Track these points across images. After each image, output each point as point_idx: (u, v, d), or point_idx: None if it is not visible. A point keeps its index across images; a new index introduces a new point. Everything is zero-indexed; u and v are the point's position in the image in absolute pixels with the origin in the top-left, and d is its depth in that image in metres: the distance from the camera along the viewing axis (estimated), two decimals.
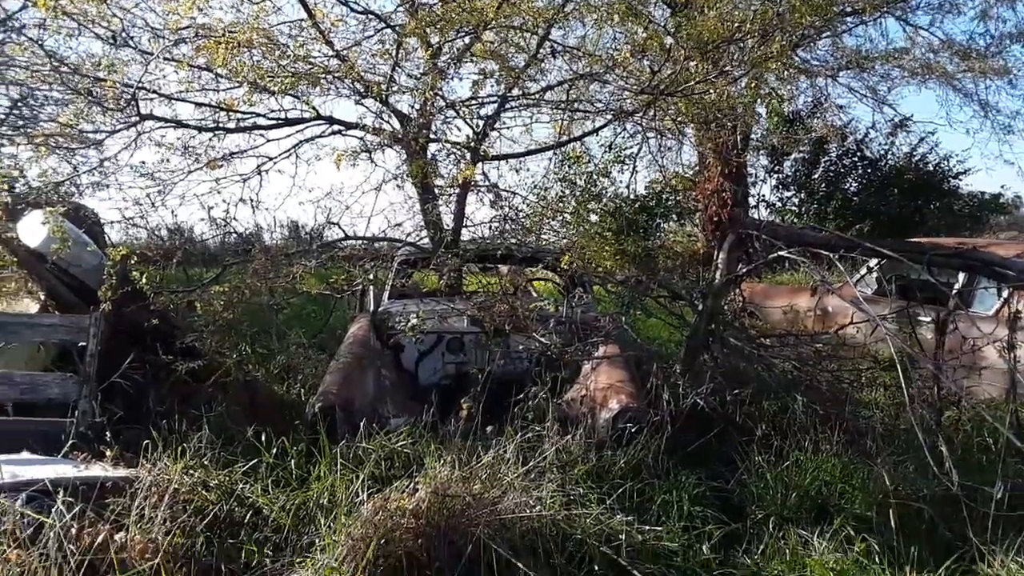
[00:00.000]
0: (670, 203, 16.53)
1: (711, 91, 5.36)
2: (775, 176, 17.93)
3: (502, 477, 3.62)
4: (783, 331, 5.92)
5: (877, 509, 4.02)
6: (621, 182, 14.71)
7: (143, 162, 6.58)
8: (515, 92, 6.55)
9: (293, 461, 4.10)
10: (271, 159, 6.81)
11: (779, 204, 17.99)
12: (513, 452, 3.85)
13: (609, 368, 5.25)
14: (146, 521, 3.15)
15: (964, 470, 3.96)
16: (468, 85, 6.71)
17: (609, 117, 6.23)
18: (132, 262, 5.44)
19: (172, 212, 5.98)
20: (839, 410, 4.91)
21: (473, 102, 6.44)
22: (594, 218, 15.10)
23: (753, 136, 16.55)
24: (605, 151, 12.26)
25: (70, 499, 3.02)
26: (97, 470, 3.52)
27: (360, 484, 3.69)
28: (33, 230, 5.83)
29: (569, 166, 13.70)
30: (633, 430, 4.52)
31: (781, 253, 4.54)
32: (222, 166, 6.32)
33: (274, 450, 4.14)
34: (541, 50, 6.42)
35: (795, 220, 17.17)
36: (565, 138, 6.61)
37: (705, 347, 5.06)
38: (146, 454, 3.83)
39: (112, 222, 7.52)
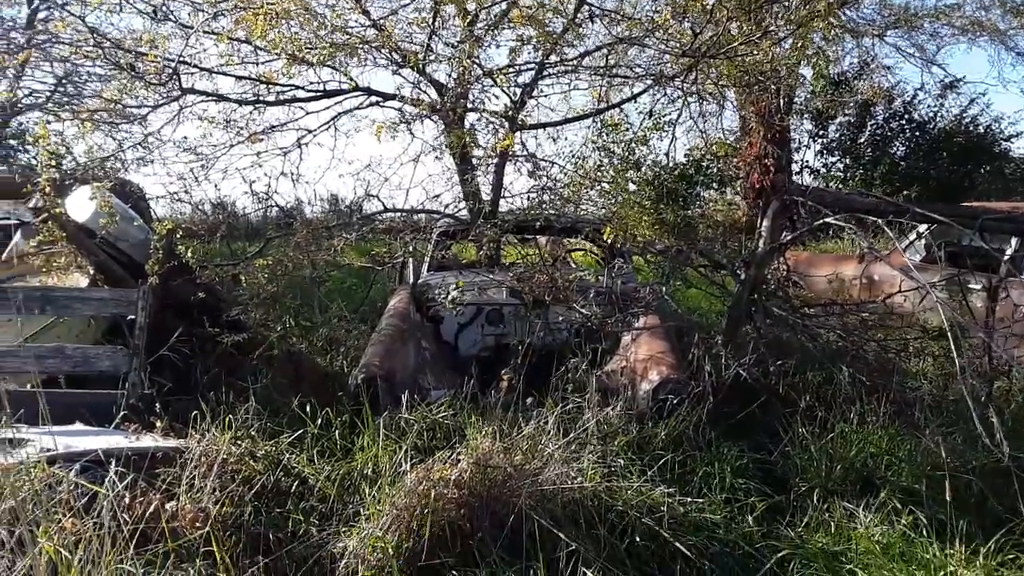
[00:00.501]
0: (710, 171, 16.25)
1: (755, 52, 5.22)
2: (819, 141, 17.56)
3: (543, 448, 3.63)
4: (828, 300, 5.80)
5: (925, 481, 3.95)
6: (660, 150, 14.47)
7: (185, 137, 6.68)
8: (553, 59, 6.47)
9: (337, 432, 4.17)
10: (311, 132, 6.85)
11: (823, 170, 17.62)
12: (553, 424, 3.84)
13: (649, 339, 5.21)
14: (196, 491, 3.23)
15: (1015, 441, 3.84)
16: (505, 52, 6.63)
17: (649, 82, 6.13)
18: (177, 236, 5.52)
19: (215, 186, 6.03)
20: (886, 381, 4.82)
21: (510, 70, 6.38)
22: (632, 187, 15.00)
23: (797, 100, 16.19)
24: (644, 118, 12.06)
25: (122, 469, 3.09)
26: (148, 441, 3.60)
27: (403, 455, 3.73)
28: (81, 205, 5.95)
29: (607, 134, 13.59)
30: (674, 402, 4.49)
31: (827, 219, 4.43)
32: (263, 139, 6.36)
33: (319, 421, 4.21)
34: (579, 14, 6.32)
35: (840, 186, 16.82)
36: (603, 105, 6.50)
37: (748, 317, 4.98)
38: (195, 425, 3.91)
39: (157, 197, 7.67)
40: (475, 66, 6.27)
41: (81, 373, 4.63)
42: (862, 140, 16.96)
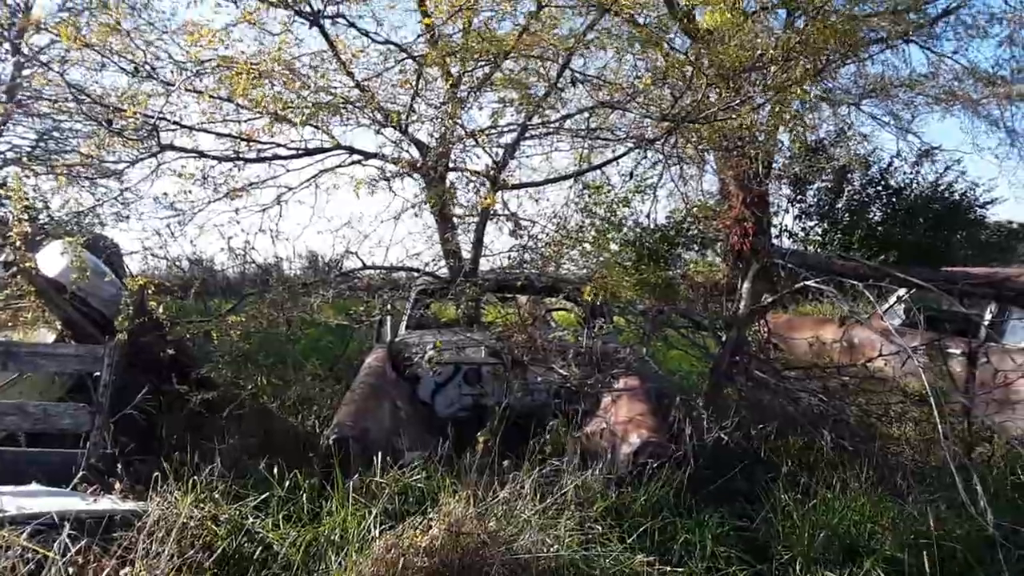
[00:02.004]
0: (691, 232, 16.39)
1: (733, 118, 5.29)
2: (798, 205, 17.77)
3: (518, 514, 3.51)
4: (809, 364, 5.76)
5: (908, 551, 3.84)
6: (641, 211, 14.60)
7: (166, 194, 6.63)
8: (535, 120, 6.52)
9: (305, 495, 4.02)
10: (290, 189, 6.82)
11: (802, 234, 17.80)
12: (530, 488, 3.73)
13: (630, 401, 5.13)
14: (152, 557, 3.07)
15: (998, 509, 3.79)
16: (488, 114, 6.67)
17: (630, 145, 6.17)
18: (149, 292, 5.42)
19: (191, 242, 5.96)
20: (868, 446, 4.75)
21: (493, 131, 6.42)
22: (614, 247, 15.07)
23: (775, 165, 16.45)
24: (626, 180, 12.23)
25: (74, 533, 2.95)
26: (105, 503, 3.45)
27: (372, 520, 3.60)
28: (52, 260, 5.85)
29: (589, 195, 13.70)
30: (654, 466, 4.39)
31: (808, 283, 4.41)
32: (241, 196, 6.31)
33: (286, 484, 4.06)
34: (561, 79, 6.40)
35: (819, 250, 16.98)
36: (585, 166, 6.54)
37: (729, 379, 4.92)
38: (156, 487, 3.75)
39: (132, 252, 7.57)
40: (457, 126, 6.31)
41: (41, 431, 4.46)
42: (840, 205, 17.17)
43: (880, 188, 16.78)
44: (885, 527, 4.10)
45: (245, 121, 6.09)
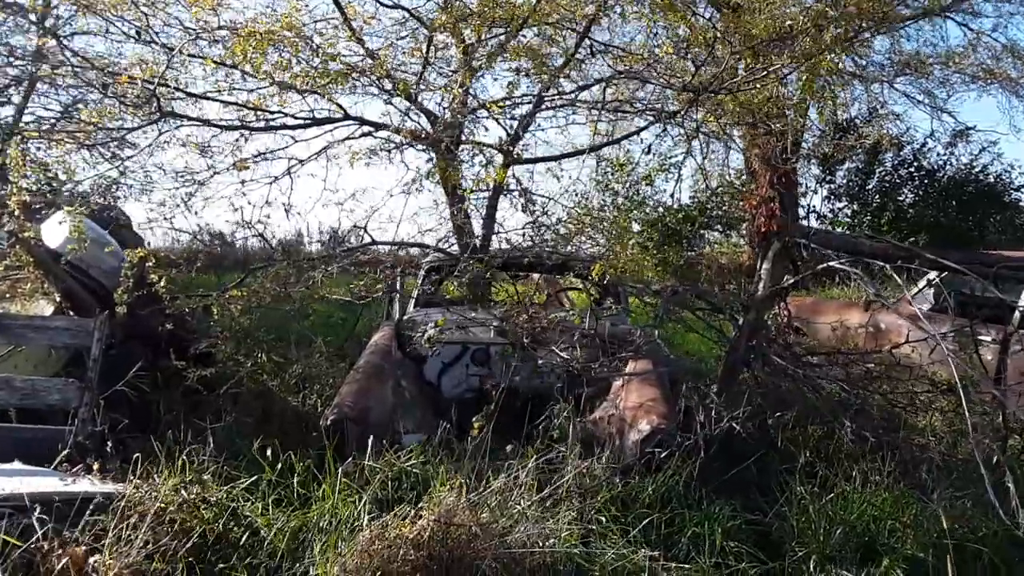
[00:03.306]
0: (716, 213, 16.02)
1: (758, 89, 5.01)
2: (827, 186, 17.34)
3: (513, 506, 3.32)
4: (832, 349, 5.49)
5: (932, 550, 3.62)
6: (665, 191, 14.32)
7: (171, 167, 6.48)
8: (551, 92, 6.27)
9: (297, 479, 3.86)
10: (301, 161, 6.63)
11: (831, 215, 17.38)
12: (528, 477, 3.53)
13: (641, 385, 4.91)
14: (124, 543, 2.92)
15: None
16: (501, 86, 6.43)
17: (650, 118, 5.91)
18: (150, 264, 5.28)
19: (195, 213, 5.79)
20: (891, 437, 4.50)
21: (507, 102, 6.17)
22: (636, 227, 14.78)
23: (805, 144, 16.02)
24: (649, 156, 11.87)
25: (44, 516, 2.81)
26: (84, 484, 3.31)
27: (362, 507, 3.44)
28: (56, 230, 5.74)
29: (611, 173, 13.39)
30: (663, 455, 4.18)
31: (832, 263, 4.15)
32: (249, 167, 6.13)
33: (279, 466, 3.91)
34: (580, 49, 6.13)
35: (847, 232, 16.59)
36: (600, 141, 6.27)
37: (745, 365, 4.68)
38: (139, 467, 3.61)
39: (150, 223, 7.46)
40: (470, 97, 6.09)
41: (31, 406, 4.34)
42: (870, 186, 16.73)
43: (913, 169, 16.31)
44: (907, 524, 3.86)
45: (252, 90, 5.90)
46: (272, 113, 6.07)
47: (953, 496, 3.93)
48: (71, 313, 5.45)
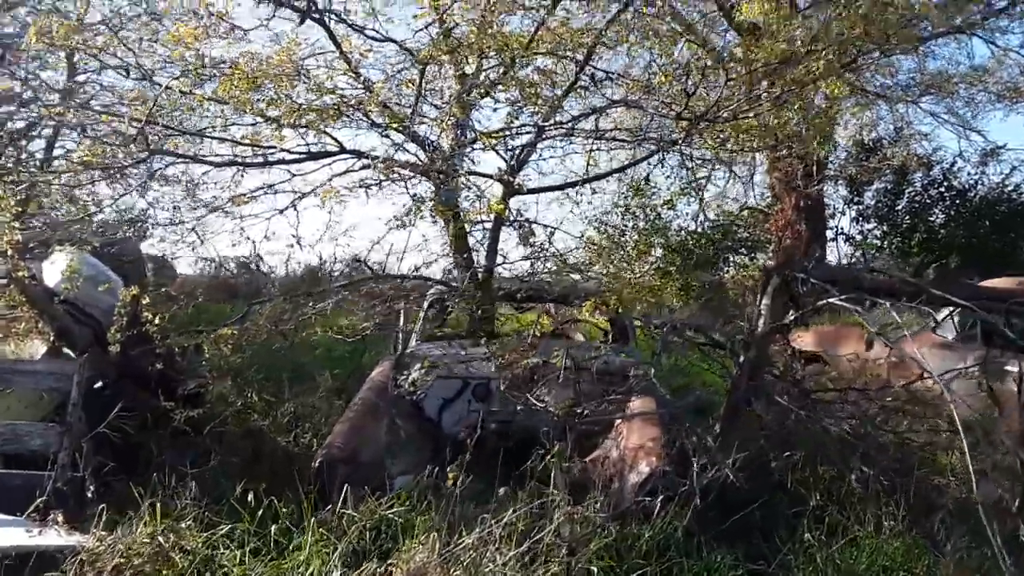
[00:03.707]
0: (739, 236, 15.72)
1: (774, 112, 4.82)
2: (855, 207, 16.97)
3: (487, 562, 3.14)
4: (844, 386, 5.23)
5: None
6: (687, 214, 14.09)
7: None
8: (551, 121, 6.13)
9: (277, 526, 3.73)
10: (303, 195, 6.55)
11: (859, 237, 17.00)
12: (505, 531, 3.35)
13: (643, 425, 4.71)
14: None
15: None
16: (501, 115, 6.30)
17: (651, 148, 5.74)
18: (144, 303, 5.22)
19: (192, 249, 5.73)
20: (904, 480, 4.24)
21: (506, 132, 6.04)
22: (659, 252, 14.55)
23: (831, 166, 15.71)
24: (671, 182, 11.66)
25: None
26: (51, 536, 3.20)
27: (336, 558, 3.29)
28: (54, 269, 5.73)
29: (630, 197, 13.20)
30: (661, 499, 3.96)
31: (832, 300, 3.95)
32: (247, 202, 6.07)
33: (260, 512, 3.78)
34: (581, 78, 6.00)
35: (876, 254, 16.19)
36: (594, 171, 6.09)
37: (747, 404, 4.46)
38: (102, 518, 3.49)
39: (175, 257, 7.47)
40: (468, 127, 5.98)
41: (12, 451, 4.25)
42: (900, 207, 16.34)
43: (943, 189, 15.90)
44: None
45: (249, 124, 5.84)
46: (266, 148, 5.99)
47: (968, 547, 3.67)
48: (68, 352, 5.42)
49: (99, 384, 5.16)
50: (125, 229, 8.71)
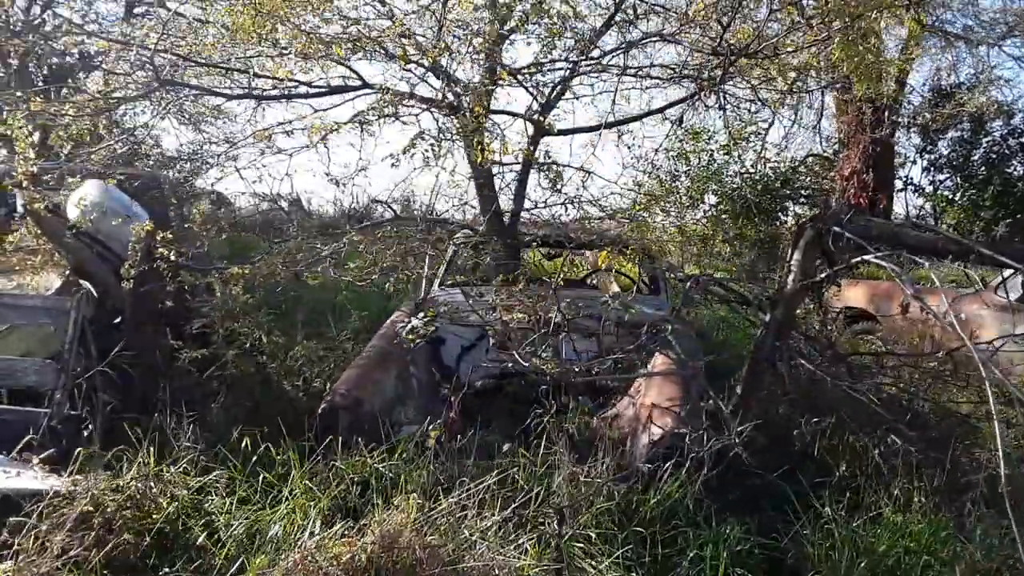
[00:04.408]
0: (800, 185, 14.97)
1: (807, 48, 4.41)
2: (928, 157, 16.05)
3: (468, 526, 2.96)
4: (887, 349, 4.86)
5: None
6: (746, 160, 13.45)
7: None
8: (587, 56, 5.77)
9: (269, 474, 3.62)
10: (334, 129, 6.35)
11: (930, 189, 16.12)
12: (488, 493, 3.16)
13: (663, 383, 4.45)
14: (37, 550, 2.72)
15: None
16: (532, 50, 5.97)
17: (687, 85, 5.35)
18: (159, 238, 5.12)
19: (211, 185, 5.60)
20: (941, 452, 3.91)
21: (535, 69, 5.71)
22: (712, 199, 14.02)
23: (903, 112, 14.84)
24: (732, 123, 11.07)
25: None
26: (25, 478, 3.14)
27: (317, 514, 3.16)
28: (78, 203, 5.67)
29: (684, 140, 12.67)
30: (670, 463, 3.72)
31: (867, 257, 3.59)
32: (270, 136, 5.90)
33: (254, 459, 3.68)
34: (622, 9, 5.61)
35: (947, 206, 15.34)
36: (628, 110, 5.74)
37: (771, 365, 4.15)
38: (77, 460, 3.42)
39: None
40: (496, 64, 5.67)
41: (9, 386, 4.22)
42: (975, 157, 15.38)
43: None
44: (943, 562, 3.32)
45: (267, 56, 5.62)
46: (283, 80, 5.77)
47: (1002, 532, 3.35)
48: (88, 286, 5.37)
49: (116, 320, 5.15)
50: (145, 161, 8.64)
